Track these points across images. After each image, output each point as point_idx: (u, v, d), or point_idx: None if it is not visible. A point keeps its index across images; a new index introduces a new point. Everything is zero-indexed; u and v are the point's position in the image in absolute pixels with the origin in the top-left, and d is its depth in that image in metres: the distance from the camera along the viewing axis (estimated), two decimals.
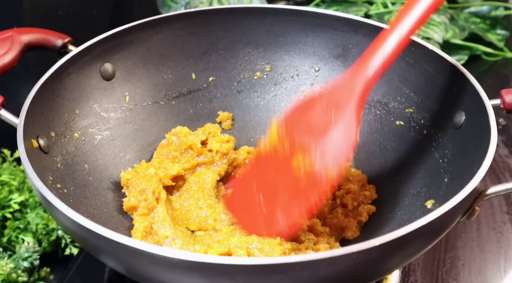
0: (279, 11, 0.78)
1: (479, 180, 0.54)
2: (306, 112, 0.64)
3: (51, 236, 0.75)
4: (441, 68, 0.68)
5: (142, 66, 0.77)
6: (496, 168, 0.86)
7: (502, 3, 1.15)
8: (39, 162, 0.61)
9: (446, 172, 0.65)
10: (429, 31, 1.05)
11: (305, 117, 0.63)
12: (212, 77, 0.80)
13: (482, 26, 1.13)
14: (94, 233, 0.49)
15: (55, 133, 0.66)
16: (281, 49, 0.80)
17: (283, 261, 0.46)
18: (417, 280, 0.70)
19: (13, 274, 0.69)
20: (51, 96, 0.67)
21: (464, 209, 0.55)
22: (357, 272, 0.50)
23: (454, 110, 0.67)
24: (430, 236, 0.53)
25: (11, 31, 0.70)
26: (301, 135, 0.62)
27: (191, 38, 0.79)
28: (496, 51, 1.10)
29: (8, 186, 0.77)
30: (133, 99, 0.76)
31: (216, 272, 0.47)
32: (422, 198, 0.66)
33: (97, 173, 0.70)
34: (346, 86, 0.62)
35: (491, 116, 0.60)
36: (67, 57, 0.69)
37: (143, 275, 0.52)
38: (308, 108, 0.64)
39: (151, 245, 0.47)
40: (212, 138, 0.74)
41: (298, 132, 0.63)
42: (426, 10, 0.60)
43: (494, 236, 0.76)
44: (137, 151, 0.75)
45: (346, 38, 0.76)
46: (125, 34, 0.74)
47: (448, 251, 0.74)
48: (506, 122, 0.95)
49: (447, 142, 0.67)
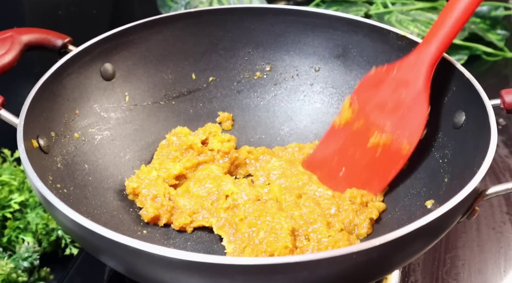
0: (279, 11, 0.78)
1: (479, 180, 0.54)
2: (377, 89, 0.68)
3: (51, 236, 0.75)
4: (441, 68, 0.68)
5: (142, 66, 0.77)
6: (496, 168, 0.86)
7: (502, 3, 1.15)
8: (39, 162, 0.61)
9: (446, 172, 0.65)
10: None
11: (376, 95, 0.68)
12: (212, 77, 0.80)
13: (482, 26, 1.13)
14: (94, 233, 0.49)
15: (55, 133, 0.66)
16: (281, 49, 0.80)
17: (283, 261, 0.46)
18: (417, 280, 0.70)
19: (13, 274, 0.69)
20: (51, 96, 0.67)
21: (464, 209, 0.55)
22: (357, 272, 0.50)
23: (454, 110, 0.67)
24: (430, 236, 0.53)
25: (11, 31, 0.70)
26: (374, 112, 0.68)
27: (191, 38, 0.79)
28: (496, 51, 1.10)
29: (8, 186, 0.77)
30: (133, 99, 0.76)
31: (216, 272, 0.47)
32: (422, 198, 0.66)
33: (97, 173, 0.70)
34: (412, 65, 0.66)
35: (491, 116, 0.60)
36: (67, 57, 0.69)
37: (143, 275, 0.52)
38: (378, 85, 0.69)
39: (151, 245, 0.47)
40: (212, 138, 0.74)
41: (371, 109, 0.68)
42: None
43: (494, 236, 0.76)
44: (137, 151, 0.75)
45: (346, 38, 0.76)
46: (125, 34, 0.74)
47: (448, 251, 0.74)
48: (506, 122, 0.95)
49: (447, 141, 0.67)
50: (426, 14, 1.10)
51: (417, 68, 0.66)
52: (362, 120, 0.69)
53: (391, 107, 0.67)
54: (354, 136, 0.70)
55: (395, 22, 1.08)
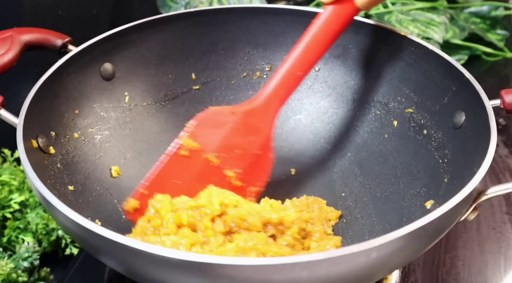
0: (279, 11, 0.78)
1: (479, 180, 0.54)
2: (220, 130, 0.68)
3: (51, 236, 0.75)
4: (441, 69, 0.68)
5: (142, 66, 0.77)
6: (496, 168, 0.86)
7: (502, 3, 1.15)
8: (38, 162, 0.61)
9: (446, 172, 0.65)
10: (429, 31, 1.05)
11: (220, 135, 0.68)
12: (212, 77, 0.80)
13: (482, 26, 1.13)
14: (94, 233, 0.49)
15: (55, 133, 0.66)
16: (281, 49, 0.80)
17: (283, 261, 0.46)
18: (417, 280, 0.70)
19: (13, 274, 0.69)
20: (51, 96, 0.67)
21: (464, 209, 0.55)
22: (357, 272, 0.50)
23: (454, 110, 0.67)
24: (430, 236, 0.53)
25: (11, 31, 0.70)
26: (223, 152, 0.67)
27: (191, 38, 0.79)
28: (496, 51, 1.10)
29: (8, 186, 0.77)
30: (133, 99, 0.76)
31: (216, 272, 0.47)
32: (421, 198, 0.66)
33: (97, 173, 0.70)
34: (262, 113, 0.69)
35: (491, 116, 0.60)
36: (67, 57, 0.69)
37: (143, 275, 0.52)
38: (221, 127, 0.68)
39: (151, 245, 0.47)
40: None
41: (218, 149, 0.67)
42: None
43: (494, 236, 0.76)
44: (137, 151, 0.75)
45: (346, 38, 0.76)
46: (125, 34, 0.74)
47: (448, 251, 0.74)
48: (506, 122, 0.95)
49: (447, 141, 0.67)
50: (426, 14, 1.10)
51: (268, 116, 0.69)
52: (209, 155, 0.67)
53: (242, 153, 0.68)
54: (206, 165, 0.67)
55: (395, 22, 1.08)
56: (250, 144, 0.68)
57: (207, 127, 0.67)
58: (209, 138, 0.67)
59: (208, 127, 0.67)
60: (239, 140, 0.68)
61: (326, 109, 0.79)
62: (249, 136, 0.68)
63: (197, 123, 0.67)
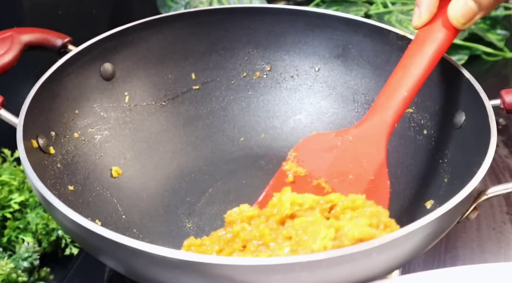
0: (279, 11, 0.78)
1: (479, 180, 0.54)
2: (328, 154, 0.62)
3: (51, 236, 0.75)
4: (441, 68, 0.68)
5: (142, 66, 0.77)
6: (496, 168, 0.86)
7: (502, 3, 1.15)
8: (38, 161, 0.61)
9: (446, 172, 0.65)
10: None
11: (329, 160, 0.61)
12: (212, 77, 0.80)
13: (482, 26, 1.13)
14: (94, 233, 0.49)
15: (55, 133, 0.66)
16: (281, 49, 0.80)
17: (283, 261, 0.46)
18: None
19: (13, 274, 0.69)
20: (51, 96, 0.67)
21: (464, 209, 0.55)
22: (357, 272, 0.50)
23: (454, 110, 0.67)
24: (430, 236, 0.53)
25: (11, 31, 0.70)
26: (333, 179, 0.61)
27: (191, 38, 0.79)
28: (496, 51, 1.10)
29: (8, 186, 0.77)
30: (133, 99, 0.76)
31: (216, 272, 0.47)
32: (421, 198, 0.66)
33: (97, 173, 0.70)
34: (370, 136, 0.62)
35: (491, 116, 0.60)
36: (67, 57, 0.69)
37: (143, 275, 0.52)
38: (328, 151, 0.62)
39: (151, 245, 0.47)
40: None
41: (328, 175, 0.61)
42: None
43: (494, 236, 0.76)
44: (137, 151, 0.75)
45: (346, 38, 0.76)
46: (125, 34, 0.74)
47: (448, 251, 0.74)
48: (506, 122, 0.95)
49: (447, 141, 0.67)
50: None
51: (379, 141, 0.61)
52: (319, 180, 0.61)
53: (354, 179, 0.61)
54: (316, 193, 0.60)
55: (395, 22, 1.08)
56: (363, 169, 0.61)
57: (313, 151, 0.62)
58: (316, 163, 0.61)
59: (314, 151, 0.62)
60: (351, 165, 0.61)
61: (326, 109, 0.79)
62: (362, 161, 0.61)
63: (301, 148, 0.62)
